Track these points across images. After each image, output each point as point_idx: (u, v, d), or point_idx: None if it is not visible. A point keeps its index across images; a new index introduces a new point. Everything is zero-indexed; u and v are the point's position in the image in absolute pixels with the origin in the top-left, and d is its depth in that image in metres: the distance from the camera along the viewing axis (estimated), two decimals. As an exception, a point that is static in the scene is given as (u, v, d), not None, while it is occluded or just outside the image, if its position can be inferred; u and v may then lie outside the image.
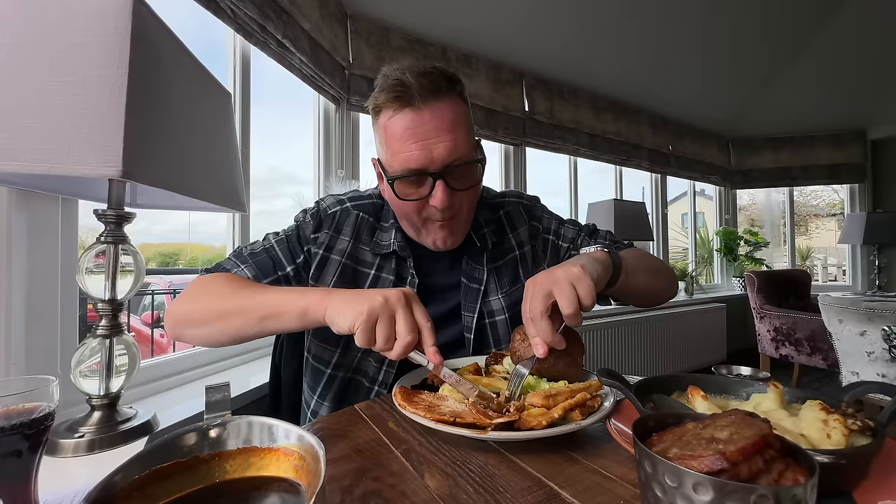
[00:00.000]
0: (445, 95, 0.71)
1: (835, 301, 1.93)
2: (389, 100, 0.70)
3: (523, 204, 0.96)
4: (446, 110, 0.71)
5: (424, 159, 0.70)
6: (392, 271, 0.82)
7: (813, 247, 5.05)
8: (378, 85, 0.73)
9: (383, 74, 0.73)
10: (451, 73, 0.74)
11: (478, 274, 0.86)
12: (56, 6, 0.57)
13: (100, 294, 0.73)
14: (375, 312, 0.56)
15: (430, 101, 0.70)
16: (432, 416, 0.50)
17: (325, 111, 1.96)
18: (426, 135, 0.70)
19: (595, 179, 7.81)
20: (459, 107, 0.74)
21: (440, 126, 0.70)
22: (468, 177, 0.75)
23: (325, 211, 0.84)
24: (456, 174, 0.73)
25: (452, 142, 0.71)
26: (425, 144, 0.70)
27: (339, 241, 0.82)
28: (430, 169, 0.71)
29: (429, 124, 0.70)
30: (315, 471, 0.27)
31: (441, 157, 0.70)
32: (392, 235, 0.82)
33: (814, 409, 0.43)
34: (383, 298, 0.57)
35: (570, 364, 0.62)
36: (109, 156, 0.55)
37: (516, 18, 2.40)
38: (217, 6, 1.26)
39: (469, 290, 0.84)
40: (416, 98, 0.69)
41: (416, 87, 0.69)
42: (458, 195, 0.74)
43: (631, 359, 3.04)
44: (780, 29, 3.01)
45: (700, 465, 0.27)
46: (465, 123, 0.74)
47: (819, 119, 4.02)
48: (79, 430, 0.71)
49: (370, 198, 0.88)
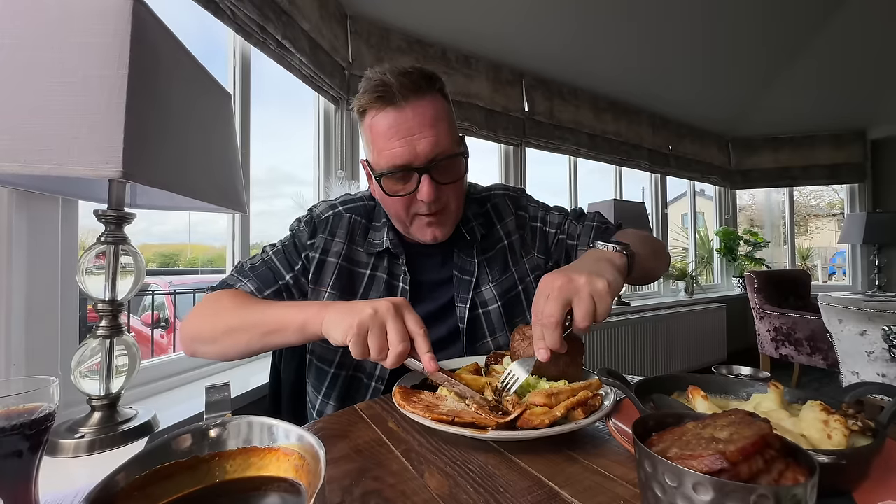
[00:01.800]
0: (426, 93, 0.74)
1: (835, 301, 1.93)
2: (372, 100, 0.73)
3: (509, 195, 0.97)
4: (427, 107, 0.73)
5: (409, 155, 0.72)
6: (385, 270, 0.84)
7: (813, 247, 5.04)
8: (361, 87, 0.75)
9: (366, 77, 0.76)
10: (430, 72, 0.76)
11: (469, 266, 0.87)
12: (56, 7, 0.57)
13: (100, 294, 0.73)
14: (365, 325, 0.56)
15: (411, 99, 0.72)
16: (431, 416, 0.50)
17: (324, 111, 1.97)
18: (409, 131, 0.72)
19: (595, 179, 7.81)
20: (440, 103, 0.76)
21: (422, 122, 0.72)
22: (452, 170, 0.77)
23: (319, 217, 0.86)
24: (440, 168, 0.75)
25: (434, 137, 0.73)
26: (409, 140, 0.72)
27: (335, 244, 0.84)
28: (415, 164, 0.73)
29: (411, 121, 0.72)
30: (315, 471, 0.27)
31: (425, 151, 0.72)
32: (384, 234, 0.84)
33: (814, 409, 0.43)
34: (373, 310, 0.57)
35: (570, 364, 0.62)
36: (109, 156, 0.55)
37: (516, 19, 2.40)
38: (217, 7, 1.26)
39: (461, 281, 0.86)
40: (397, 96, 0.71)
41: (397, 86, 0.71)
42: (443, 189, 0.76)
43: (631, 359, 3.04)
44: (779, 29, 3.01)
45: (700, 464, 0.27)
46: (447, 119, 0.76)
47: (819, 119, 4.02)
48: (79, 431, 0.71)
49: (361, 200, 0.90)
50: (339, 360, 0.81)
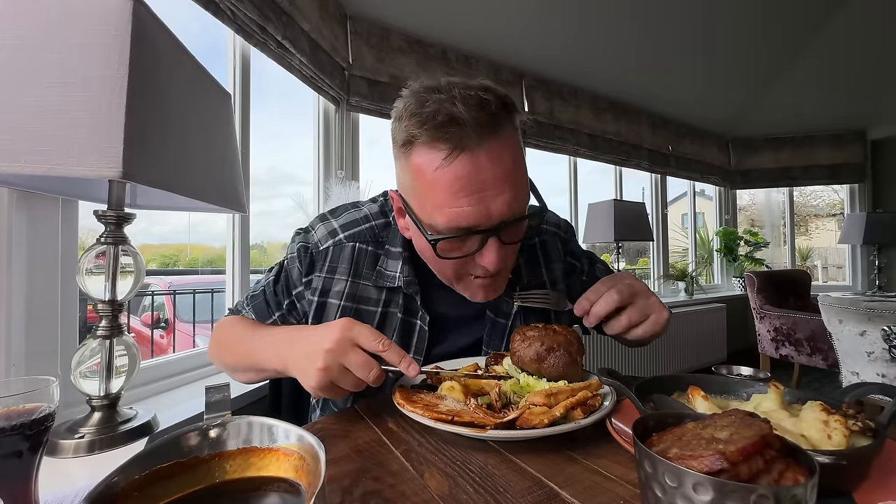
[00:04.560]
0: (504, 130, 0.57)
1: (835, 301, 1.93)
2: (435, 139, 0.56)
3: (560, 236, 0.87)
4: (505, 151, 0.57)
5: (479, 216, 0.57)
6: (400, 307, 0.73)
7: (813, 247, 5.04)
8: (411, 111, 0.57)
9: (416, 94, 0.58)
10: (506, 97, 0.59)
11: (506, 307, 0.77)
12: (56, 8, 0.57)
13: (100, 295, 0.73)
14: (325, 382, 0.53)
15: (486, 141, 0.56)
16: (430, 415, 0.50)
17: (324, 112, 1.97)
18: (481, 186, 0.56)
19: (595, 180, 7.82)
20: (517, 143, 0.60)
21: (498, 175, 0.56)
22: (523, 229, 0.64)
23: (317, 247, 0.75)
24: (511, 228, 0.60)
25: (512, 193, 0.58)
26: (481, 198, 0.56)
27: (336, 283, 0.73)
28: (483, 226, 0.58)
29: (486, 172, 0.56)
30: (315, 471, 0.27)
31: (500, 212, 0.57)
32: (399, 267, 0.72)
33: (815, 409, 0.43)
34: (324, 366, 0.52)
35: (570, 364, 0.62)
36: (109, 157, 0.55)
37: (517, 20, 2.40)
38: (217, 7, 1.26)
39: (496, 324, 0.77)
40: (472, 139, 0.55)
41: (473, 125, 0.54)
42: (508, 249, 0.62)
43: (631, 359, 3.04)
44: (779, 29, 3.01)
45: (700, 465, 0.27)
46: (523, 163, 0.61)
47: (819, 119, 4.02)
48: (79, 431, 0.71)
49: (367, 220, 0.77)
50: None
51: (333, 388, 0.54)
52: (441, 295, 0.74)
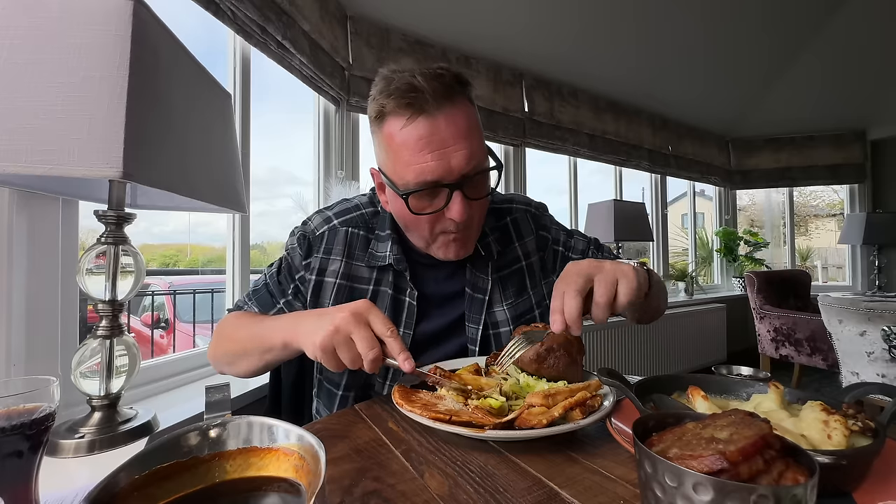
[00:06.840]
0: (459, 99, 0.67)
1: (835, 301, 1.93)
2: (400, 106, 0.65)
3: (531, 212, 0.93)
4: (460, 115, 0.67)
5: (441, 170, 0.66)
6: (390, 284, 0.80)
7: (813, 247, 5.04)
8: (380, 88, 0.68)
9: (384, 77, 0.68)
10: (459, 74, 0.69)
11: (482, 283, 0.83)
12: (56, 8, 0.57)
13: (100, 295, 0.73)
14: (329, 342, 0.56)
15: (444, 107, 0.65)
16: (429, 414, 0.50)
17: (325, 112, 1.97)
18: (442, 143, 0.65)
19: (595, 180, 7.83)
20: (471, 110, 0.70)
21: (456, 133, 0.66)
22: (484, 185, 0.72)
23: (314, 233, 0.81)
24: (472, 183, 0.69)
25: (469, 149, 0.67)
26: (442, 154, 0.65)
27: (331, 263, 0.80)
28: (447, 180, 0.67)
29: (444, 132, 0.65)
30: (315, 471, 0.27)
31: (459, 166, 0.66)
32: (388, 247, 0.79)
33: (815, 409, 0.43)
34: (333, 327, 0.56)
35: (570, 364, 0.62)
36: (110, 157, 0.55)
37: (521, 20, 2.41)
38: (217, 7, 1.26)
39: (473, 299, 0.82)
40: (429, 104, 0.64)
41: (430, 92, 0.64)
42: (473, 205, 0.71)
43: (631, 359, 3.04)
44: (780, 29, 3.01)
45: (700, 465, 0.27)
46: (478, 128, 0.70)
47: (819, 119, 4.02)
48: (79, 431, 0.71)
49: (358, 209, 0.84)
50: (346, 382, 0.79)
51: (333, 356, 0.57)
52: (426, 274, 0.82)
